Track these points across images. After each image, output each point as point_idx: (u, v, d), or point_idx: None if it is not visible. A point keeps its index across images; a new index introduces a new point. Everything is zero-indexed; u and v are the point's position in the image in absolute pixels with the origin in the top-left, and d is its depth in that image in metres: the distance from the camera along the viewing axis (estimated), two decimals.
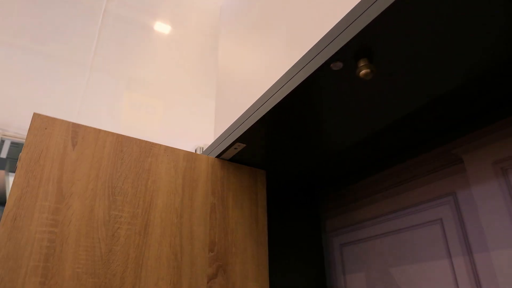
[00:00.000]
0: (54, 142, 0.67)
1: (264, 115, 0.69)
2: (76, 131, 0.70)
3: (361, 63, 0.56)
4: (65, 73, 3.34)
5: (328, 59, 0.56)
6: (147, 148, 0.76)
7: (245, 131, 0.75)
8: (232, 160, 0.86)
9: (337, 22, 0.68)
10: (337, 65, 0.57)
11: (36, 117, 0.68)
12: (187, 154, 0.81)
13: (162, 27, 3.20)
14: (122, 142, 0.74)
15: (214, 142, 0.86)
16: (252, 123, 0.72)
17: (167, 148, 0.79)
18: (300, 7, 1.28)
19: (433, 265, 0.77)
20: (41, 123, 0.67)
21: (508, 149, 0.69)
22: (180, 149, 0.79)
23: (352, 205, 1.00)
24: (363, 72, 0.55)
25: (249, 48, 1.61)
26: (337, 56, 0.55)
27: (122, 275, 0.63)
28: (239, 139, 0.78)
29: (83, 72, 3.30)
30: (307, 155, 0.86)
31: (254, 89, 1.20)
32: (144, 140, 0.76)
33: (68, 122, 0.70)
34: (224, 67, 1.82)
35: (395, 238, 0.86)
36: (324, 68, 0.57)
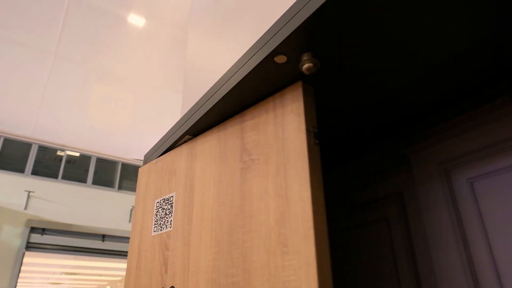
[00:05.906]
0: None
1: (211, 107, 0.68)
2: None
3: (305, 57, 0.55)
4: (27, 59, 3.15)
5: (271, 51, 0.54)
6: None
7: (193, 124, 0.73)
8: None
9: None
10: (281, 58, 0.56)
11: None
12: None
13: (136, 19, 3.10)
14: None
15: (165, 135, 0.83)
16: (200, 116, 0.70)
17: None
18: (269, 0, 1.27)
19: (378, 264, 0.78)
20: None
21: (452, 151, 0.70)
22: None
23: None
24: (306, 66, 0.54)
25: (217, 42, 1.59)
26: (280, 49, 0.54)
27: None
28: (188, 132, 0.75)
29: (46, 59, 3.12)
30: None
31: None
32: None
33: None
34: (192, 62, 1.78)
35: (343, 235, 0.86)
36: (267, 61, 0.56)
